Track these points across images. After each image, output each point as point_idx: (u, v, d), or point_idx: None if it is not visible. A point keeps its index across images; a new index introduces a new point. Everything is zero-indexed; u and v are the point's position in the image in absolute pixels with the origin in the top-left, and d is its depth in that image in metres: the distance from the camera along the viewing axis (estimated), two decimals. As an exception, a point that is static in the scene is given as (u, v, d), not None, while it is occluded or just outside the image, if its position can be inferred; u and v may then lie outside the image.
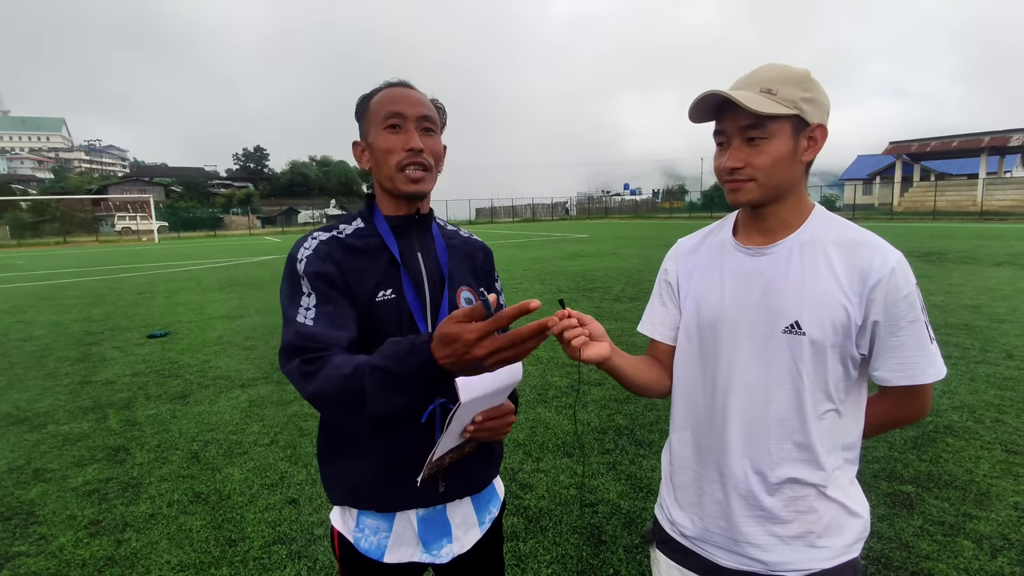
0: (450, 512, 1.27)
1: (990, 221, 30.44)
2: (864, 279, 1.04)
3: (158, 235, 40.91)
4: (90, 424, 4.36)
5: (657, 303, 1.31)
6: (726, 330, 1.14)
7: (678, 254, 1.30)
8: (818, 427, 1.08)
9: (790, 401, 1.08)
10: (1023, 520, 2.71)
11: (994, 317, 6.91)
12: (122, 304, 10.40)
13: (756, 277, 1.12)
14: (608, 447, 3.65)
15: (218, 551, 2.68)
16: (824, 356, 1.06)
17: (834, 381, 1.07)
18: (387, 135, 1.18)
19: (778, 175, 1.07)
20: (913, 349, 1.05)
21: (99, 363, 6.21)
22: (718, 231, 1.25)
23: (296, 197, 71.40)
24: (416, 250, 1.26)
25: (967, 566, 2.40)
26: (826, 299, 1.05)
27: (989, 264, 12.01)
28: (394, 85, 1.24)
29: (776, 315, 1.08)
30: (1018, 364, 5.05)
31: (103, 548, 2.74)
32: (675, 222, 40.94)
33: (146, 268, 17.90)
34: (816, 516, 1.10)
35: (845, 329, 1.05)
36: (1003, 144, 37.85)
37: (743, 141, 1.07)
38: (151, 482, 3.38)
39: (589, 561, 2.53)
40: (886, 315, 1.04)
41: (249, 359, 6.12)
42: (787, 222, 1.12)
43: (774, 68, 1.07)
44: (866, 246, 1.06)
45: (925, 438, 3.61)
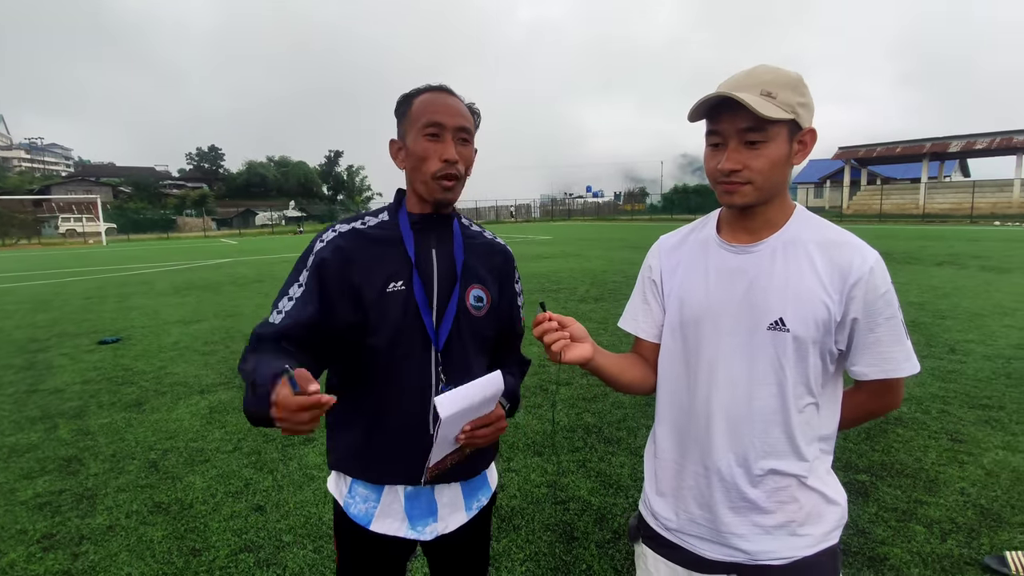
0: (437, 493, 1.32)
1: (932, 223, 32.06)
2: (844, 278, 1.08)
3: (106, 237, 39.20)
4: (39, 435, 4.15)
5: (639, 300, 1.32)
6: (710, 326, 1.16)
7: (661, 251, 1.31)
8: (799, 420, 1.12)
9: (773, 396, 1.11)
10: (969, 504, 2.87)
11: (937, 314, 7.28)
12: (69, 309, 9.94)
13: (741, 274, 1.14)
14: (578, 445, 3.70)
15: (181, 562, 2.59)
16: (806, 352, 1.09)
17: (814, 376, 1.11)
18: (426, 143, 1.23)
19: (773, 178, 1.09)
20: (890, 345, 1.10)
21: (46, 371, 5.91)
22: (701, 228, 1.27)
23: (253, 198, 69.59)
24: (432, 247, 1.31)
25: (919, 550, 2.52)
26: (809, 297, 1.08)
27: (931, 264, 12.64)
28: (435, 90, 1.27)
29: (761, 312, 1.11)
30: (960, 358, 5.33)
31: (59, 562, 2.61)
32: (637, 224, 41.65)
33: (94, 272, 17.14)
34: (798, 506, 1.14)
35: (826, 326, 1.09)
36: (943, 150, 39.95)
37: (741, 143, 1.07)
38: (107, 493, 3.25)
39: (562, 558, 2.56)
40: (865, 312, 1.08)
41: (208, 364, 5.94)
42: (772, 221, 1.15)
43: (770, 71, 1.08)
44: (846, 246, 1.10)
45: (877, 429, 3.78)
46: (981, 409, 4.08)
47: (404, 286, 1.25)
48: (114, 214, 49.55)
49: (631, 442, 3.72)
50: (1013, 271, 11.07)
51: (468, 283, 1.32)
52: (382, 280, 1.24)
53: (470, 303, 1.30)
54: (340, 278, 1.23)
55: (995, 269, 11.41)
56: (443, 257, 1.31)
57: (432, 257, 1.29)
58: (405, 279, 1.25)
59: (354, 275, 1.23)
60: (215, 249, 26.61)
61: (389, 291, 1.23)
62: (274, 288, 11.75)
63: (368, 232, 1.29)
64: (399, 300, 1.24)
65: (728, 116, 1.07)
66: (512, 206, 62.16)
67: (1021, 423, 3.81)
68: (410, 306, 1.24)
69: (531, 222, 54.74)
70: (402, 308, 1.24)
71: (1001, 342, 5.84)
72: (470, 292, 1.31)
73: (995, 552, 2.46)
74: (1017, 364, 5.09)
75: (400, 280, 1.25)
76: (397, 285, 1.24)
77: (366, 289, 1.23)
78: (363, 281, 1.23)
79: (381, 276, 1.24)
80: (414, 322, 1.25)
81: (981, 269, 11.49)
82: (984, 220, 32.29)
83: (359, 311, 1.23)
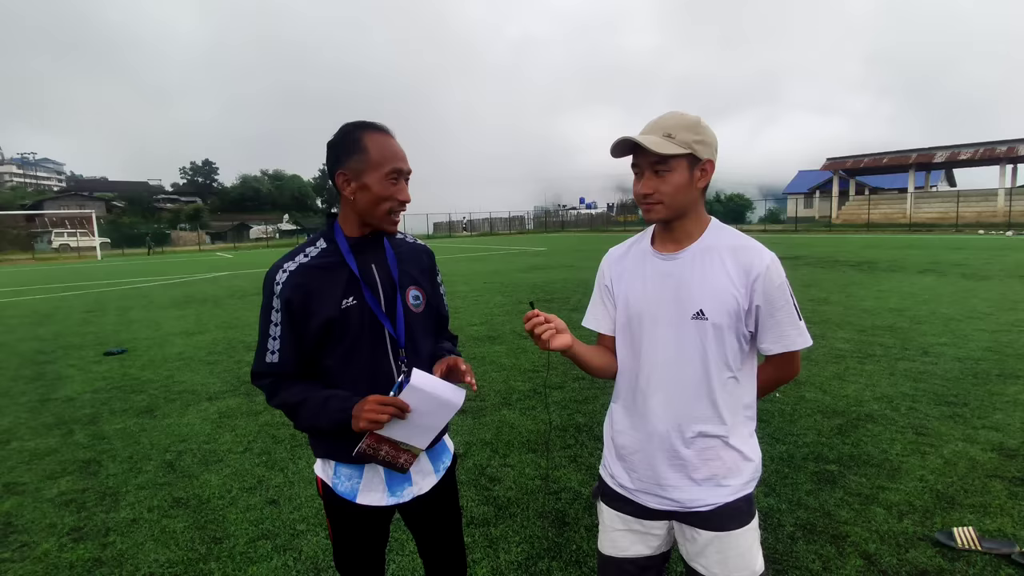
0: None
1: (918, 232, 32.60)
2: (748, 274, 1.38)
3: (100, 252, 39.24)
4: (56, 439, 4.36)
5: (599, 302, 1.61)
6: (649, 319, 1.45)
7: (611, 261, 1.62)
8: (722, 392, 1.42)
9: (699, 372, 1.41)
10: (926, 489, 3.13)
11: (915, 319, 7.59)
12: (71, 323, 10.12)
13: (669, 277, 1.44)
14: (569, 442, 3.94)
15: (204, 548, 2.82)
16: (723, 335, 1.39)
17: (732, 354, 1.41)
18: (388, 185, 1.46)
19: (679, 199, 1.39)
20: (787, 326, 1.40)
21: (56, 381, 6.11)
22: (640, 241, 1.57)
23: (248, 212, 69.73)
24: (371, 263, 1.55)
25: (878, 528, 2.78)
26: (722, 292, 1.38)
27: (914, 272, 13.00)
28: (380, 130, 1.48)
29: (686, 306, 1.40)
30: (932, 359, 5.63)
31: (89, 551, 2.83)
32: (630, 235, 41.80)
33: (92, 286, 17.29)
34: (721, 462, 1.43)
35: (737, 314, 1.38)
36: (928, 160, 40.68)
37: (652, 173, 1.38)
38: (128, 490, 3.47)
39: (555, 540, 2.80)
40: (765, 300, 1.38)
41: (214, 373, 6.15)
42: (690, 233, 1.45)
43: (673, 116, 1.39)
44: (748, 250, 1.40)
45: (849, 425, 4.05)
46: (947, 406, 4.36)
47: (355, 300, 1.48)
48: (108, 228, 49.59)
49: (619, 439, 3.96)
50: (991, 278, 11.43)
51: (406, 286, 1.58)
52: (337, 299, 1.47)
53: (410, 303, 1.57)
54: (304, 309, 1.45)
55: (974, 276, 11.77)
56: (381, 269, 1.55)
57: (373, 271, 1.53)
58: (356, 294, 1.48)
59: (314, 302, 1.46)
60: (211, 263, 26.76)
61: (344, 307, 1.47)
62: (273, 300, 11.95)
63: (314, 263, 1.49)
64: (356, 312, 1.48)
65: (642, 152, 1.38)
66: (506, 217, 62.54)
67: (982, 418, 4.09)
68: (366, 315, 1.49)
69: (525, 233, 55.14)
70: (359, 317, 1.48)
71: (972, 344, 6.14)
72: (409, 293, 1.58)
73: (945, 529, 2.72)
74: (984, 365, 5.38)
75: (352, 296, 1.48)
76: (349, 301, 1.47)
77: (326, 310, 1.46)
78: (322, 304, 1.46)
79: (335, 296, 1.47)
80: (371, 327, 1.49)
81: (961, 277, 11.84)
82: (969, 229, 32.88)
83: (324, 329, 1.46)
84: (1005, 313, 7.79)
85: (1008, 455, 3.50)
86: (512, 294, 11.44)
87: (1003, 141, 37.31)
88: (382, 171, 1.45)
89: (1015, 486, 3.13)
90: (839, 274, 13.00)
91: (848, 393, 4.73)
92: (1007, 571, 2.42)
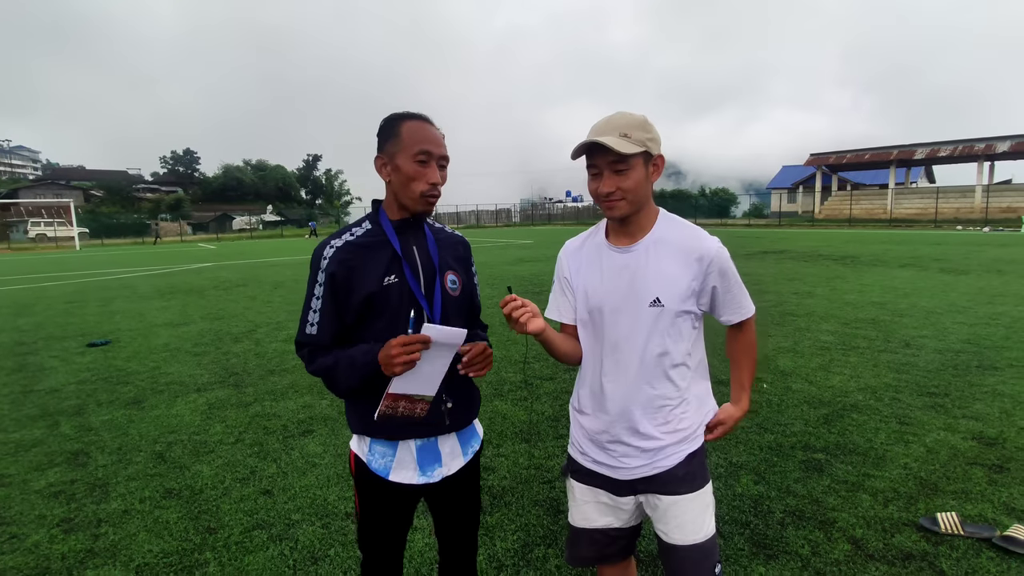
0: (441, 443, 1.64)
1: (898, 228, 33.16)
2: (701, 261, 1.50)
3: (79, 242, 38.48)
4: (42, 431, 4.30)
5: (560, 294, 1.69)
6: (609, 310, 1.54)
7: (568, 253, 1.69)
8: (680, 367, 1.55)
9: (656, 352, 1.52)
10: (910, 476, 3.21)
11: (896, 312, 7.74)
12: (52, 313, 9.94)
13: (624, 269, 1.54)
14: (562, 432, 3.98)
15: (199, 538, 2.81)
16: (676, 319, 1.51)
17: (686, 332, 1.54)
18: (416, 167, 1.52)
19: (639, 194, 1.48)
20: (740, 296, 1.57)
21: (38, 372, 6.01)
22: (595, 234, 1.65)
23: (230, 202, 68.75)
24: (412, 245, 1.62)
25: (864, 514, 2.85)
26: (676, 279, 1.50)
27: (895, 266, 13.25)
28: (419, 118, 1.55)
29: (643, 295, 1.50)
30: (914, 351, 5.75)
31: (80, 542, 2.80)
32: (615, 228, 42.09)
33: (72, 276, 16.97)
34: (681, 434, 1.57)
35: (689, 297, 1.51)
36: (909, 157, 41.35)
37: (612, 172, 1.45)
38: (119, 481, 3.43)
39: (549, 527, 2.83)
40: (720, 280, 1.52)
41: (201, 364, 6.09)
42: (643, 226, 1.55)
43: (623, 116, 1.46)
44: (697, 239, 1.52)
45: (834, 415, 4.14)
46: (928, 396, 4.46)
47: (397, 278, 1.54)
48: (86, 218, 48.63)
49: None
50: (969, 273, 11.69)
51: (444, 270, 1.63)
52: (379, 276, 1.53)
53: (448, 287, 1.62)
54: (348, 283, 1.52)
55: (953, 271, 12.02)
56: (422, 252, 1.61)
57: (414, 252, 1.59)
58: (397, 272, 1.55)
59: (357, 277, 1.52)
60: (194, 254, 26.40)
61: (386, 284, 1.53)
62: (260, 292, 11.87)
63: (360, 241, 1.57)
64: (396, 290, 1.54)
65: (600, 153, 1.45)
66: (493, 210, 62.41)
67: (962, 408, 4.20)
68: (405, 293, 1.54)
69: (511, 226, 55.09)
70: (399, 295, 1.54)
71: (952, 337, 6.29)
72: (447, 277, 1.63)
73: (929, 514, 2.80)
74: (964, 356, 5.51)
75: (393, 274, 1.54)
76: (391, 279, 1.53)
77: (368, 286, 1.52)
78: (365, 280, 1.52)
79: (378, 273, 1.53)
80: (410, 305, 1.55)
81: (940, 271, 12.09)
82: (947, 224, 33.53)
83: (365, 304, 1.53)
84: (983, 307, 7.98)
85: (988, 443, 3.60)
86: (500, 286, 11.45)
87: (981, 139, 38.04)
88: (411, 152, 1.51)
89: (995, 473, 3.22)
90: (823, 268, 13.20)
91: (833, 384, 4.83)
92: (988, 554, 2.50)
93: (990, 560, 2.46)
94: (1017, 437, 3.67)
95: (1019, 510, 2.84)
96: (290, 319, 8.53)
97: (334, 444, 3.87)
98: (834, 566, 2.46)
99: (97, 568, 2.60)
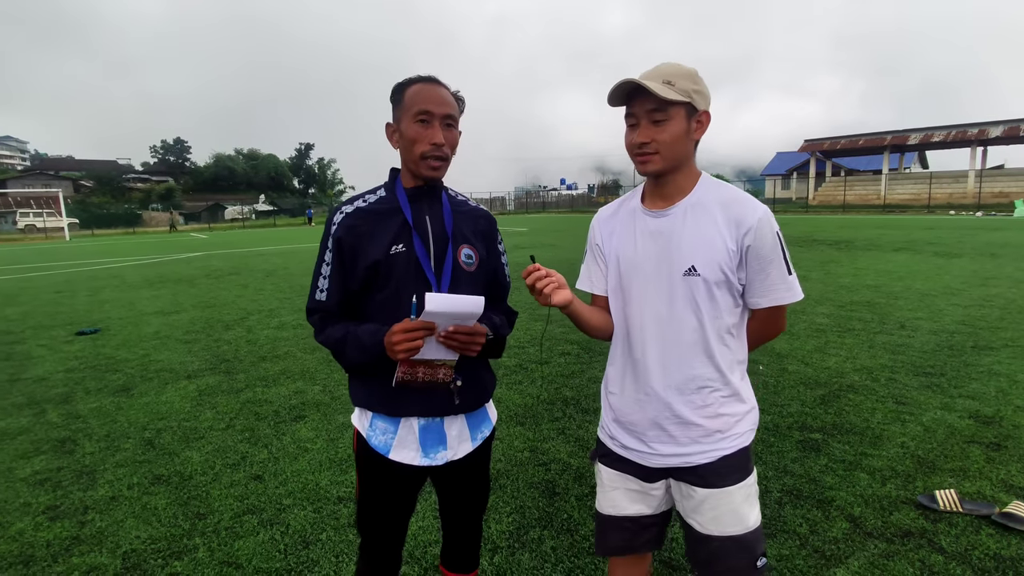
0: (447, 425, 1.54)
1: (892, 213, 33.23)
2: (739, 228, 1.35)
3: (68, 232, 38.08)
4: (28, 419, 4.22)
5: (592, 262, 1.58)
6: (640, 278, 1.43)
7: (600, 220, 1.59)
8: (719, 346, 1.40)
9: (695, 328, 1.38)
10: (907, 455, 3.19)
11: (891, 295, 7.73)
12: (40, 303, 9.80)
13: (659, 234, 1.41)
14: (557, 415, 3.94)
15: (188, 524, 2.75)
16: (716, 291, 1.36)
17: (726, 309, 1.39)
18: (417, 127, 1.44)
19: (676, 149, 1.35)
20: (776, 280, 1.37)
21: (26, 361, 5.92)
22: (630, 200, 1.54)
23: (222, 192, 68.17)
24: (425, 214, 1.52)
25: (862, 492, 2.83)
26: (713, 247, 1.35)
27: (889, 250, 13.25)
28: (425, 80, 1.47)
29: (677, 263, 1.37)
30: (909, 333, 5.74)
31: (66, 529, 2.74)
32: (610, 216, 42.00)
33: (61, 266, 16.78)
34: (720, 418, 1.42)
35: (729, 268, 1.35)
36: (903, 142, 41.36)
37: (649, 122, 1.33)
38: (106, 468, 3.37)
39: (545, 510, 2.79)
40: (756, 255, 1.35)
41: (192, 352, 6.01)
42: (681, 187, 1.41)
43: (671, 65, 1.35)
44: (740, 203, 1.37)
45: (831, 395, 4.11)
46: (924, 376, 4.45)
47: (405, 248, 1.46)
48: (75, 209, 48.11)
49: (606, 412, 3.97)
50: (963, 256, 11.71)
51: (459, 243, 1.54)
52: (387, 244, 1.46)
53: (462, 260, 1.53)
54: (354, 249, 1.46)
55: (946, 254, 12.04)
56: (435, 222, 1.52)
57: (426, 222, 1.51)
58: (405, 242, 1.47)
59: (364, 244, 1.46)
60: (185, 243, 26.18)
61: (393, 253, 1.45)
62: (252, 280, 11.76)
63: (370, 208, 1.51)
64: (403, 259, 1.46)
65: (639, 100, 1.33)
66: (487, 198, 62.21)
67: (958, 387, 4.18)
68: (411, 263, 1.46)
69: (506, 214, 54.92)
70: (405, 265, 1.46)
71: (947, 319, 6.28)
72: (461, 251, 1.54)
73: (927, 492, 2.77)
74: (959, 337, 5.50)
75: (401, 243, 1.46)
76: (399, 247, 1.46)
77: (374, 253, 1.45)
78: (372, 247, 1.45)
79: (385, 241, 1.46)
80: (417, 277, 1.47)
81: (934, 255, 12.10)
82: (940, 210, 33.62)
83: (370, 272, 1.45)
84: (976, 289, 7.98)
85: (984, 422, 3.58)
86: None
87: (974, 124, 38.06)
88: (411, 113, 1.44)
89: (992, 451, 3.21)
90: (818, 252, 13.19)
91: (829, 365, 4.80)
92: (987, 531, 2.48)
93: (989, 537, 2.44)
94: (1014, 415, 3.66)
95: (1017, 487, 2.82)
96: (282, 306, 8.45)
97: (326, 429, 3.82)
98: (832, 544, 2.43)
99: (83, 555, 2.55)
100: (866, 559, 2.33)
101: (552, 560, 2.41)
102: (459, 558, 1.71)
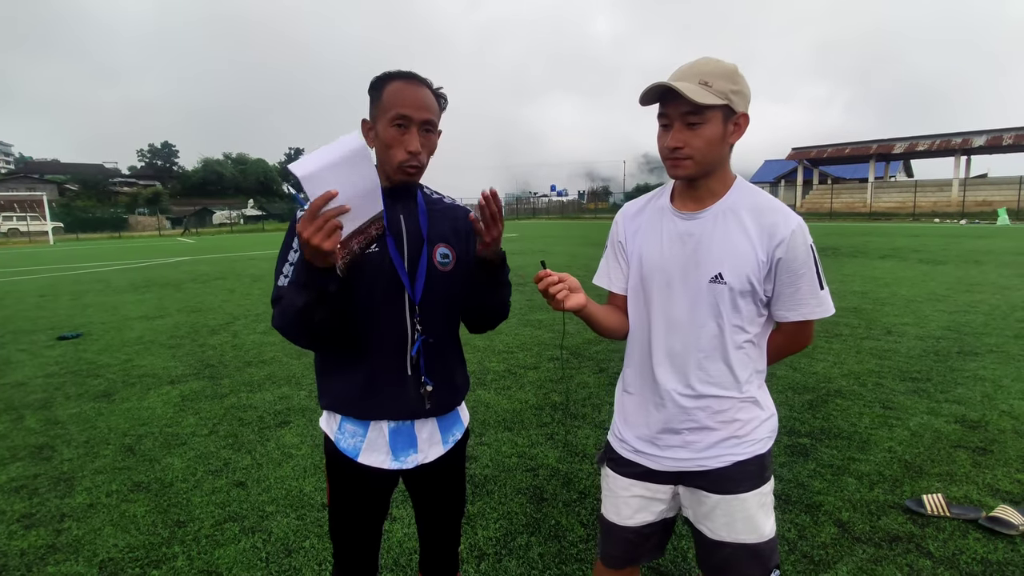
0: (418, 428, 1.51)
1: (878, 221, 33.63)
2: (771, 238, 1.30)
3: (53, 237, 37.56)
4: (4, 425, 4.12)
5: (612, 259, 1.53)
6: (663, 281, 1.38)
7: (625, 216, 1.53)
8: (736, 354, 1.36)
9: (714, 335, 1.34)
10: (894, 460, 3.19)
11: (878, 301, 7.79)
12: (21, 307, 9.63)
13: (688, 238, 1.36)
14: (545, 421, 3.91)
15: (167, 532, 2.69)
16: (741, 300, 1.32)
17: (748, 319, 1.35)
18: (393, 132, 1.38)
19: (711, 154, 1.29)
20: (807, 294, 1.33)
21: (4, 366, 5.79)
22: (659, 197, 1.48)
23: (210, 197, 67.60)
24: (400, 214, 1.46)
25: (850, 497, 2.82)
26: (743, 255, 1.31)
27: (875, 257, 13.39)
28: (405, 77, 1.39)
29: (704, 268, 1.33)
30: (895, 338, 5.78)
31: (41, 538, 2.67)
32: (600, 222, 42.27)
33: (44, 270, 16.52)
34: (736, 423, 1.38)
35: (757, 278, 1.31)
36: (888, 151, 41.92)
37: (684, 125, 1.27)
38: (84, 475, 3.29)
39: (533, 516, 2.76)
40: (787, 268, 1.31)
41: (176, 357, 5.92)
42: (714, 191, 1.36)
43: (709, 63, 1.28)
44: (774, 212, 1.32)
45: (819, 400, 4.12)
46: (911, 381, 4.47)
47: (378, 248, 1.41)
48: (60, 213, 47.49)
49: (595, 417, 3.95)
50: (948, 263, 11.84)
51: (434, 243, 1.49)
52: None
53: (437, 260, 1.48)
54: None
55: (931, 261, 12.18)
56: (410, 222, 1.46)
57: (400, 222, 1.45)
58: (380, 243, 1.41)
59: None
60: (172, 248, 25.91)
61: (367, 253, 1.38)
62: (239, 285, 11.63)
63: None
64: (376, 261, 1.40)
65: (673, 102, 1.27)
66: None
67: (945, 392, 4.21)
68: (385, 265, 1.41)
69: (496, 220, 54.81)
70: (379, 267, 1.40)
71: (932, 324, 6.33)
72: (437, 250, 1.48)
73: (914, 496, 2.77)
74: (945, 343, 5.55)
75: (375, 243, 1.40)
76: (372, 248, 1.40)
77: None
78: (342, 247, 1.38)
79: None
80: (390, 279, 1.42)
81: (919, 261, 12.24)
82: (925, 218, 34.08)
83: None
84: (961, 295, 8.07)
85: (971, 427, 3.60)
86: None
87: (958, 133, 38.67)
88: (387, 116, 1.37)
89: (978, 455, 3.22)
90: (804, 259, 13.27)
91: (817, 370, 4.81)
92: (975, 535, 2.48)
93: (976, 541, 2.44)
94: (999, 420, 3.68)
95: (1004, 491, 2.83)
96: (269, 311, 8.32)
97: (311, 435, 3.76)
98: (821, 549, 2.42)
99: (58, 564, 2.48)
100: (854, 564, 2.32)
101: (539, 567, 2.38)
102: (436, 564, 1.68)
